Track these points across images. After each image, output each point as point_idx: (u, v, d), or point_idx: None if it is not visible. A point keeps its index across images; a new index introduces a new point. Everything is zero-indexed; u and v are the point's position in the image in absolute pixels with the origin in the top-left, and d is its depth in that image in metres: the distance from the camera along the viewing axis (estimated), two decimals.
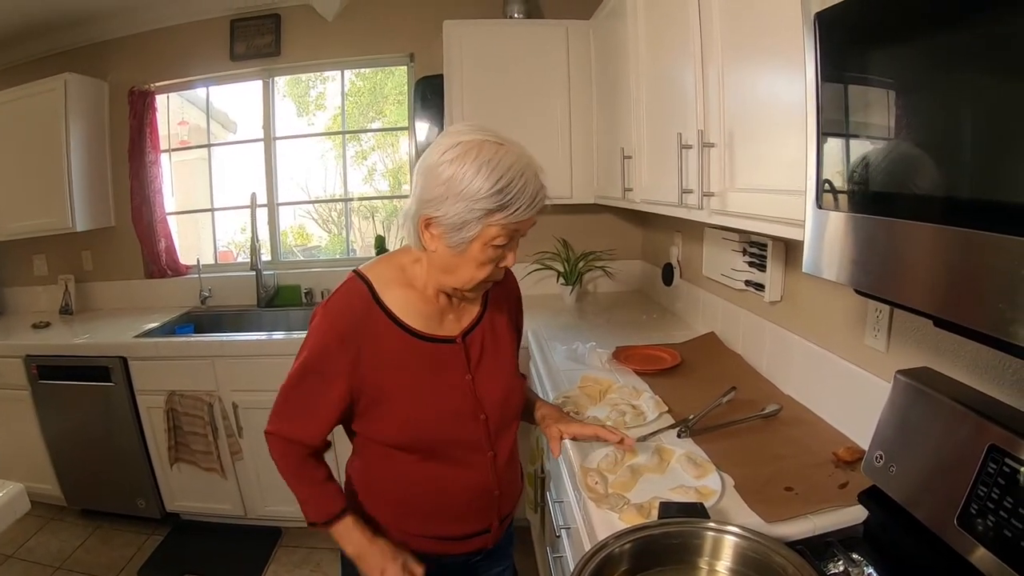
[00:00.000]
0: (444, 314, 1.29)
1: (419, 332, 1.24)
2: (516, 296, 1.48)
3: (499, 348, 1.36)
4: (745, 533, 1.01)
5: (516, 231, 1.14)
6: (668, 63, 1.84)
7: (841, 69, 0.87)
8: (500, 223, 1.10)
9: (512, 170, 1.08)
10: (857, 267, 0.87)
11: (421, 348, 1.24)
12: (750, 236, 2.03)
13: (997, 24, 0.62)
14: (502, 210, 1.08)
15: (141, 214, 3.59)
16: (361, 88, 4.10)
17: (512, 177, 1.08)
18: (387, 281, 1.24)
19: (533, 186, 1.10)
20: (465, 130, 1.13)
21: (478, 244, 1.12)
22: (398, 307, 1.23)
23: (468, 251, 1.13)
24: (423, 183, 1.13)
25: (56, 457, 3.14)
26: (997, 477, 0.86)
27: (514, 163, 1.09)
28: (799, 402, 1.72)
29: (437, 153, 1.11)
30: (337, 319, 1.20)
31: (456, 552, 1.35)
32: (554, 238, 3.43)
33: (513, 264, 1.20)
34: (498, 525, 1.37)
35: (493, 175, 1.07)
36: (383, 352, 1.20)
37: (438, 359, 1.25)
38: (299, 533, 3.09)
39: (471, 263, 1.15)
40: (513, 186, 1.08)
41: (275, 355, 2.84)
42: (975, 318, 0.68)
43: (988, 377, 1.12)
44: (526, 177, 1.09)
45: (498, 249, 1.14)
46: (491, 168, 1.07)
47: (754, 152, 1.37)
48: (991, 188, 0.66)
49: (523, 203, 1.09)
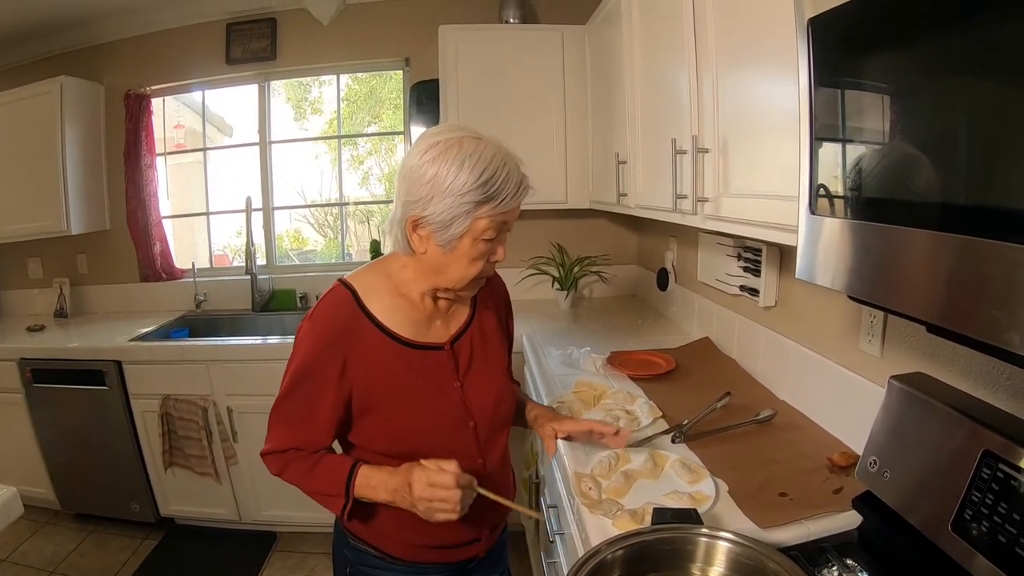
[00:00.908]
0: (431, 320, 1.28)
1: (406, 339, 1.23)
2: (505, 300, 1.47)
3: (489, 354, 1.35)
4: (739, 539, 1.01)
5: (504, 223, 1.15)
6: (663, 68, 1.84)
7: (834, 74, 0.88)
8: (488, 215, 1.11)
9: (494, 161, 1.10)
10: (851, 273, 0.87)
11: (409, 355, 1.23)
12: (745, 241, 2.03)
13: (991, 28, 0.62)
14: (489, 201, 1.10)
15: (136, 217, 3.59)
16: (358, 92, 4.10)
17: (496, 168, 1.10)
18: (373, 289, 1.24)
19: (516, 175, 1.13)
20: (441, 130, 1.15)
21: (468, 239, 1.13)
22: (384, 314, 1.22)
23: (458, 247, 1.14)
24: (407, 186, 1.13)
25: (50, 461, 3.12)
26: (991, 483, 0.86)
27: (495, 155, 1.11)
28: (794, 407, 1.72)
29: (417, 155, 1.12)
30: (323, 327, 1.20)
31: (449, 560, 1.35)
32: (549, 243, 3.43)
33: (503, 258, 1.21)
34: (489, 533, 1.37)
35: (477, 168, 1.09)
36: (370, 359, 1.20)
37: (426, 366, 1.25)
38: (293, 538, 3.07)
39: (462, 260, 1.16)
40: (498, 176, 1.10)
41: (270, 359, 2.83)
42: (969, 325, 0.68)
43: (982, 382, 1.13)
44: (508, 167, 1.12)
45: (488, 243, 1.15)
46: (474, 161, 1.09)
47: (748, 157, 1.37)
48: (985, 194, 0.66)
49: (509, 191, 1.11)
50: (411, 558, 1.31)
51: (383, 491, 1.19)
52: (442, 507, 1.13)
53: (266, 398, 1.26)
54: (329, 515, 1.29)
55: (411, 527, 1.26)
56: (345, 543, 1.36)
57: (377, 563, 1.32)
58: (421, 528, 1.26)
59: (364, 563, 1.34)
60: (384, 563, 1.32)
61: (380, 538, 1.31)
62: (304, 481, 1.24)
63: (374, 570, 1.33)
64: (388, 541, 1.30)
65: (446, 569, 1.36)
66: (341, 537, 1.38)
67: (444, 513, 1.14)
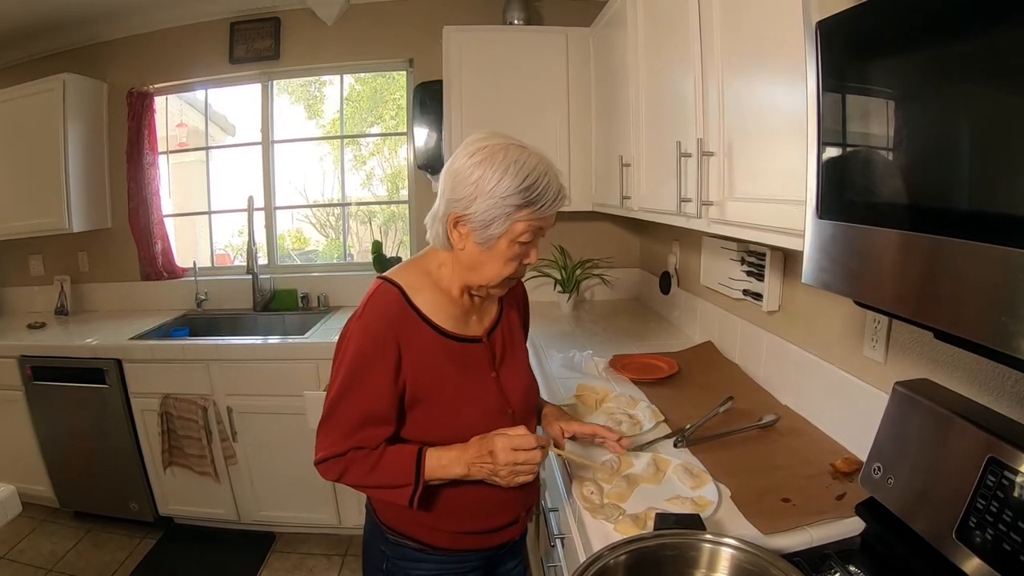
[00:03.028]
0: (469, 315, 1.34)
1: (450, 332, 1.28)
2: (524, 298, 1.54)
3: (515, 346, 1.43)
4: (742, 545, 1.00)
5: (540, 228, 1.21)
6: (668, 71, 1.84)
7: (842, 78, 0.87)
8: (527, 219, 1.18)
9: (537, 170, 1.17)
10: (858, 279, 0.87)
11: (452, 348, 1.28)
12: (748, 245, 2.02)
13: (1002, 34, 0.62)
14: (529, 206, 1.17)
15: (138, 216, 3.58)
16: (361, 93, 4.10)
17: (538, 176, 1.17)
18: (416, 285, 1.28)
19: (556, 184, 1.20)
20: (488, 136, 1.21)
21: (505, 240, 1.20)
22: (429, 309, 1.27)
23: (495, 247, 1.20)
24: (452, 184, 1.20)
25: (49, 459, 3.12)
26: (996, 490, 0.86)
27: (538, 164, 1.18)
28: (797, 412, 1.72)
29: (464, 157, 1.19)
30: (375, 322, 1.22)
31: (487, 546, 1.39)
32: (552, 245, 3.42)
33: (535, 261, 1.27)
34: (525, 514, 1.43)
35: (520, 174, 1.15)
36: (420, 352, 1.24)
37: (467, 358, 1.30)
38: (292, 539, 3.06)
39: (498, 259, 1.22)
40: (539, 183, 1.17)
41: (270, 359, 2.83)
42: (978, 331, 0.68)
43: (987, 389, 1.12)
44: (550, 176, 1.19)
45: (523, 246, 1.22)
46: (518, 168, 1.15)
47: (754, 161, 1.37)
48: (994, 200, 0.65)
49: (548, 198, 1.18)
50: (451, 546, 1.35)
51: (457, 466, 1.23)
52: (525, 468, 1.21)
53: (266, 398, 1.26)
54: (330, 516, 1.30)
55: (454, 515, 1.31)
56: (382, 539, 1.38)
57: (416, 555, 1.35)
58: (463, 515, 1.32)
59: (403, 557, 1.36)
60: (423, 555, 1.35)
61: (421, 529, 1.34)
62: (369, 478, 1.24)
63: (412, 563, 1.36)
64: (429, 531, 1.34)
65: (480, 556, 1.40)
66: (377, 534, 1.39)
67: (524, 476, 1.22)
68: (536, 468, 1.23)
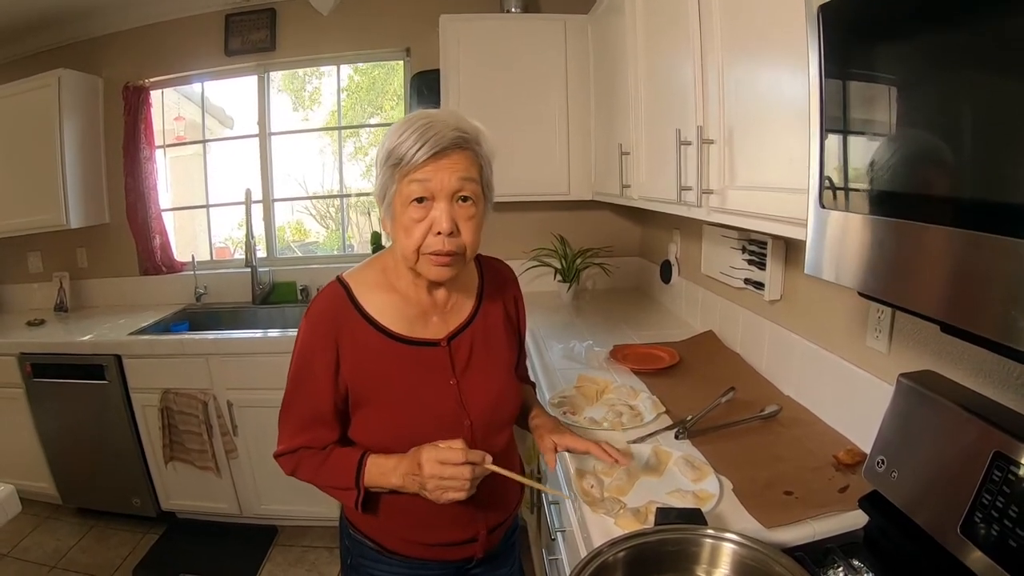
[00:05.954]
0: (427, 316, 1.26)
1: (398, 335, 1.22)
2: (514, 296, 1.42)
3: (492, 351, 1.31)
4: (744, 541, 0.99)
5: (426, 183, 1.09)
6: (667, 58, 1.81)
7: (845, 64, 0.85)
8: (407, 176, 1.09)
9: (407, 124, 1.10)
10: (862, 270, 0.85)
11: (401, 351, 1.22)
12: (749, 234, 2.00)
13: (1007, 18, 0.59)
14: (400, 162, 1.09)
15: (136, 211, 3.57)
16: (360, 84, 4.07)
17: (404, 131, 1.09)
18: (368, 285, 1.24)
19: (427, 134, 1.07)
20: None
21: (399, 205, 1.12)
22: (376, 310, 1.22)
23: (397, 217, 1.14)
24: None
25: (51, 455, 3.12)
26: (1002, 485, 0.84)
27: (415, 120, 1.10)
28: (799, 403, 1.70)
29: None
30: (316, 322, 1.21)
31: (445, 558, 1.33)
32: (551, 234, 3.40)
33: (447, 229, 1.10)
34: (486, 534, 1.32)
35: (398, 131, 1.10)
36: (361, 354, 1.19)
37: (420, 363, 1.23)
38: (295, 532, 3.07)
39: (401, 229, 1.13)
40: (404, 138, 1.08)
41: (270, 353, 2.81)
42: (985, 324, 0.66)
43: (992, 381, 1.10)
44: (418, 126, 1.08)
45: (419, 208, 1.10)
46: (397, 125, 1.11)
47: (754, 149, 1.34)
48: (1002, 189, 0.63)
49: (412, 150, 1.07)
50: (405, 552, 1.30)
51: (394, 476, 1.17)
52: (451, 484, 1.09)
53: (266, 392, 1.26)
54: (331, 508, 1.29)
55: (406, 522, 1.26)
56: (347, 534, 1.36)
57: (373, 555, 1.32)
58: (416, 524, 1.26)
59: (363, 555, 1.33)
60: (379, 556, 1.31)
61: (377, 531, 1.30)
62: (316, 477, 1.24)
63: (372, 563, 1.33)
64: (384, 534, 1.30)
65: (444, 567, 1.34)
66: (343, 528, 1.38)
67: (453, 492, 1.10)
68: (466, 484, 1.09)
